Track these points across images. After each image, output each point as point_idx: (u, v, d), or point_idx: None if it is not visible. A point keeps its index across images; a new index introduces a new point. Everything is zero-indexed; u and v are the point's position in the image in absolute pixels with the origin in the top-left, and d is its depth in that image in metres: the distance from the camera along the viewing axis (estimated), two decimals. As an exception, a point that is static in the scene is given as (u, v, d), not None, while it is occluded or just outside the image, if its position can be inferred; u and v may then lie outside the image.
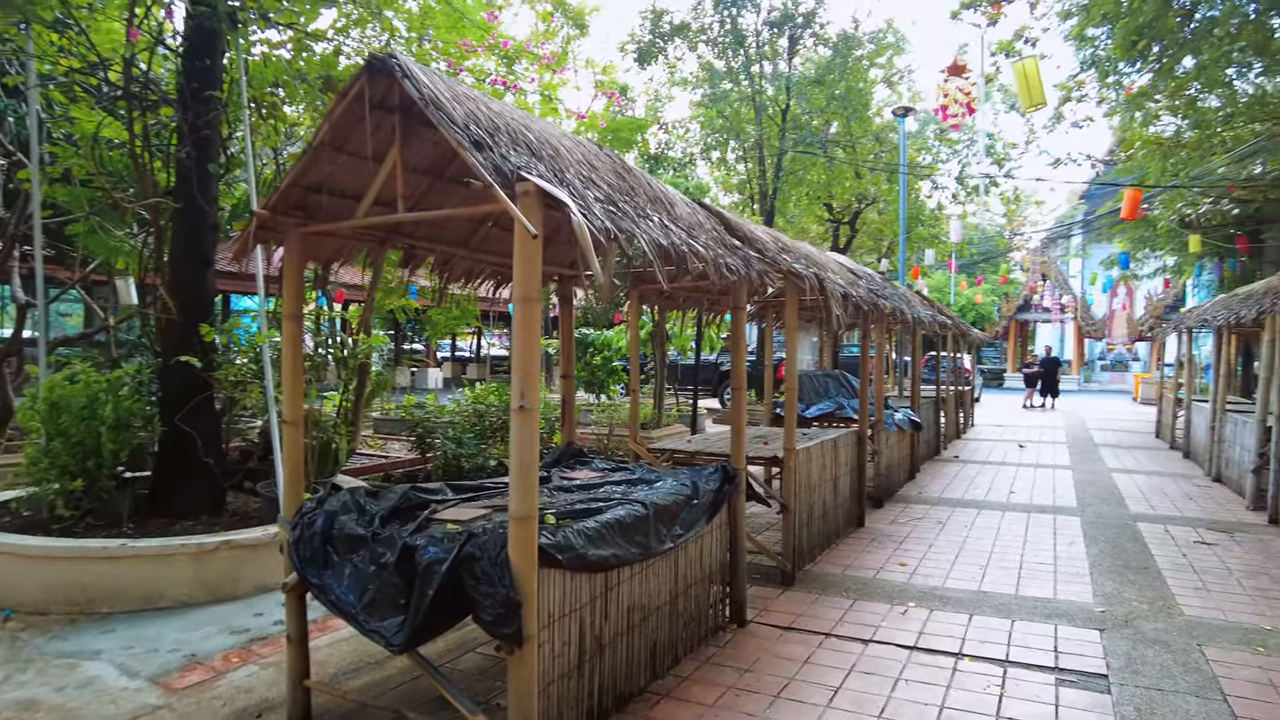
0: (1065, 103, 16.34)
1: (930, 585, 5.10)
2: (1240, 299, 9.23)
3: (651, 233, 3.15)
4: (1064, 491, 8.61)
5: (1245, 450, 8.26)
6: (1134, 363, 36.74)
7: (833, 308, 5.05)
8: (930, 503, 7.91)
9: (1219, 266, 17.71)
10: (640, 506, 3.41)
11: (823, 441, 5.87)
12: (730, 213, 5.10)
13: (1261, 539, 6.45)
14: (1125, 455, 11.89)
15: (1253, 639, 4.16)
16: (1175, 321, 12.87)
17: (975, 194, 22.86)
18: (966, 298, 35.87)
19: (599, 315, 12.49)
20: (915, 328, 9.26)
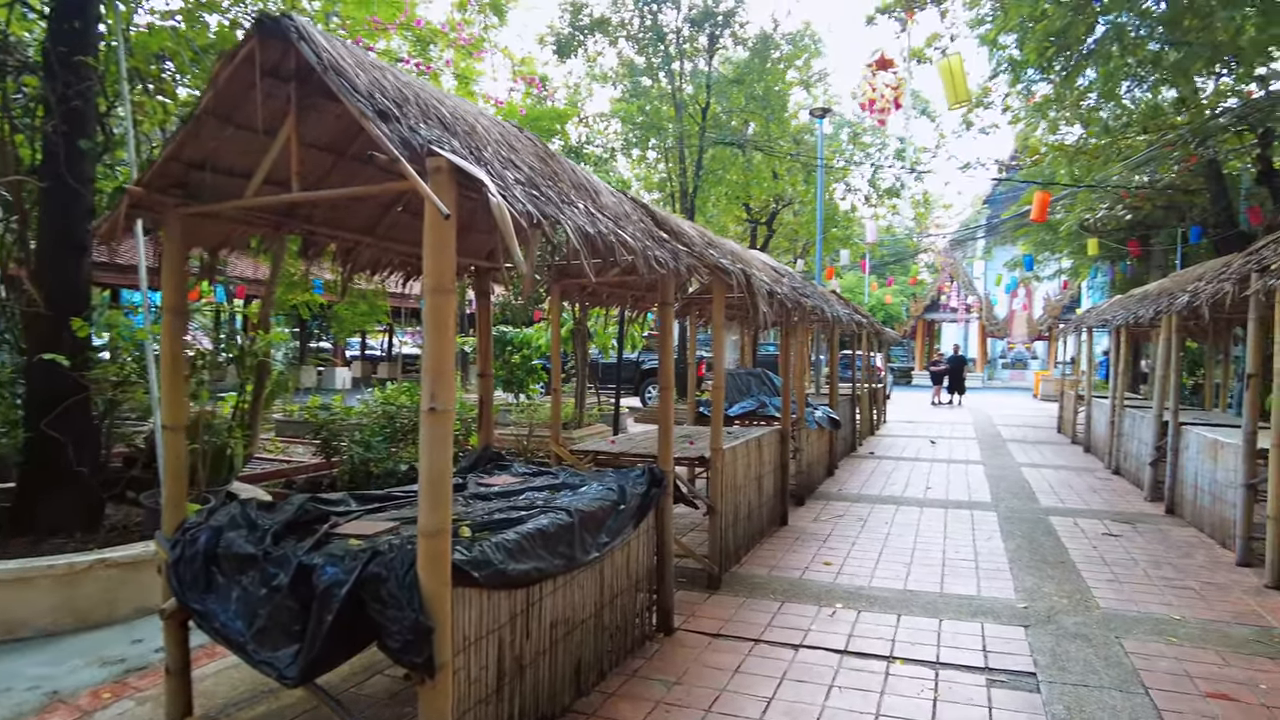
0: (974, 108, 16.94)
1: (857, 585, 5.05)
2: (1137, 300, 9.67)
3: (577, 220, 2.93)
4: (978, 486, 8.81)
5: (1143, 444, 8.63)
6: (1032, 360, 38.64)
7: (759, 304, 4.93)
8: (850, 499, 7.95)
9: (1111, 270, 18.67)
10: (564, 514, 3.18)
11: (747, 440, 5.76)
12: (655, 207, 4.93)
13: (1161, 529, 6.71)
14: (1032, 450, 12.34)
15: (1164, 629, 4.25)
16: (1077, 321, 13.46)
17: (886, 198, 23.49)
18: (877, 298, 36.96)
19: (518, 312, 12.15)
20: (834, 326, 9.31)
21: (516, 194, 2.59)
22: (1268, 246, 6.03)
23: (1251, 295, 5.39)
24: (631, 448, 5.54)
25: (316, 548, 2.70)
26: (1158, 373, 8.22)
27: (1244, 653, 3.95)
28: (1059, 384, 26.76)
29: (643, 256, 3.39)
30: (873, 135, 22.72)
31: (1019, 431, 15.36)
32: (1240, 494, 5.57)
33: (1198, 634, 4.19)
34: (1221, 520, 6.09)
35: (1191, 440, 6.95)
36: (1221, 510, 6.09)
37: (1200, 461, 6.63)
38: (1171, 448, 7.33)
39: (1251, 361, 5.56)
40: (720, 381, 4.96)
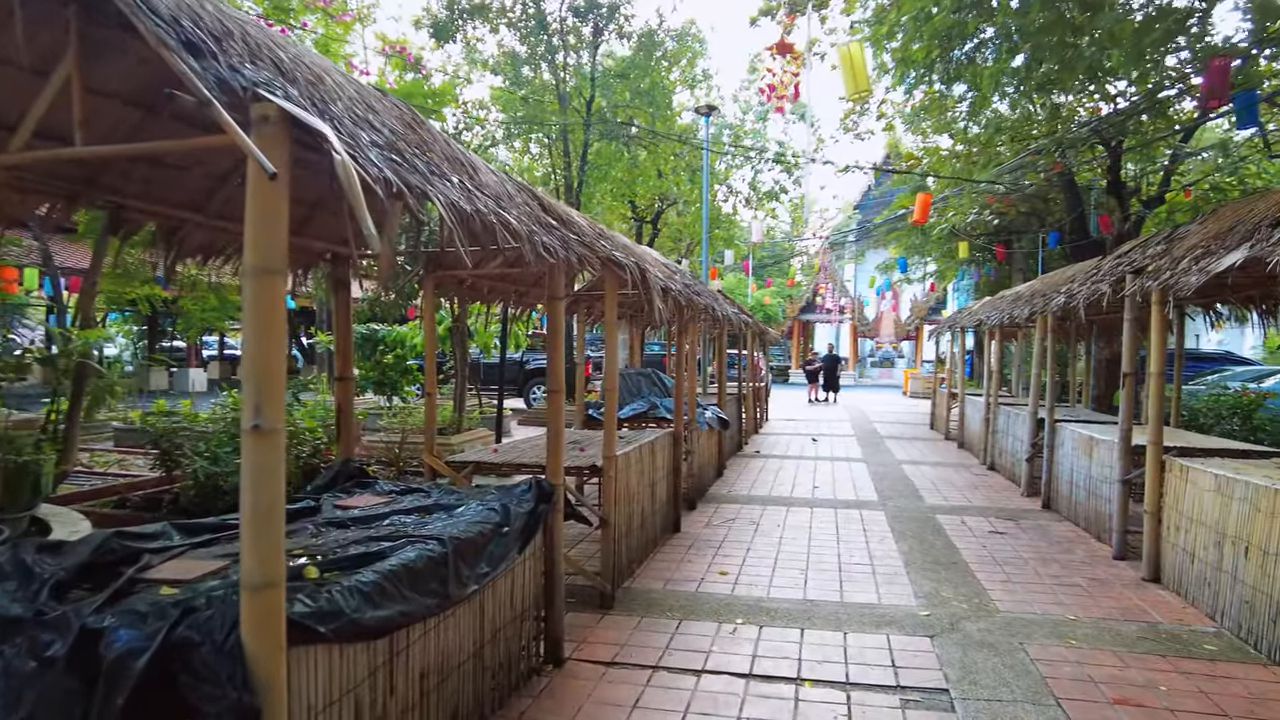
0: (850, 115, 17.39)
1: (755, 596, 4.79)
2: (1009, 301, 10.03)
3: (450, 194, 2.46)
4: (863, 485, 8.85)
5: (1018, 441, 8.92)
6: (899, 359, 40.59)
7: (655, 301, 4.58)
8: (741, 501, 7.77)
9: (977, 272, 19.68)
10: (437, 544, 2.70)
11: (640, 445, 5.41)
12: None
13: (1040, 524, 6.87)
14: (909, 446, 12.67)
15: (1062, 631, 4.20)
16: (950, 321, 13.97)
17: (765, 201, 23.90)
18: (756, 299, 37.75)
19: (389, 308, 11.34)
20: (723, 325, 9.14)
21: (371, 157, 2.10)
22: (1135, 250, 6.25)
23: (1127, 296, 5.52)
24: (516, 456, 5.06)
25: (113, 601, 2.12)
26: (1033, 371, 8.50)
27: (1138, 652, 3.94)
28: (926, 381, 28.15)
29: (529, 242, 2.95)
30: (753, 139, 23.05)
31: (894, 428, 15.83)
32: (1116, 490, 5.71)
33: (1093, 634, 4.16)
34: (1097, 515, 6.27)
35: (1066, 437, 7.17)
36: (1097, 505, 6.26)
37: (1076, 458, 6.83)
38: (1047, 444, 7.56)
39: (1127, 361, 5.71)
40: (613, 383, 4.58)
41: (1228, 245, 4.28)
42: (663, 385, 8.19)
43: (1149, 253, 5.69)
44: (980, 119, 11.91)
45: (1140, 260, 5.64)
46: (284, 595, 1.86)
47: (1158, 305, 5.13)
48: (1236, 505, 4.21)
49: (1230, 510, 4.27)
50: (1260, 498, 4.01)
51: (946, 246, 17.99)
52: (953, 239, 16.98)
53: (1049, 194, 15.90)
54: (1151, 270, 5.05)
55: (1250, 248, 3.99)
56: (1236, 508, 4.21)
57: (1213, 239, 4.61)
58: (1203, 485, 4.58)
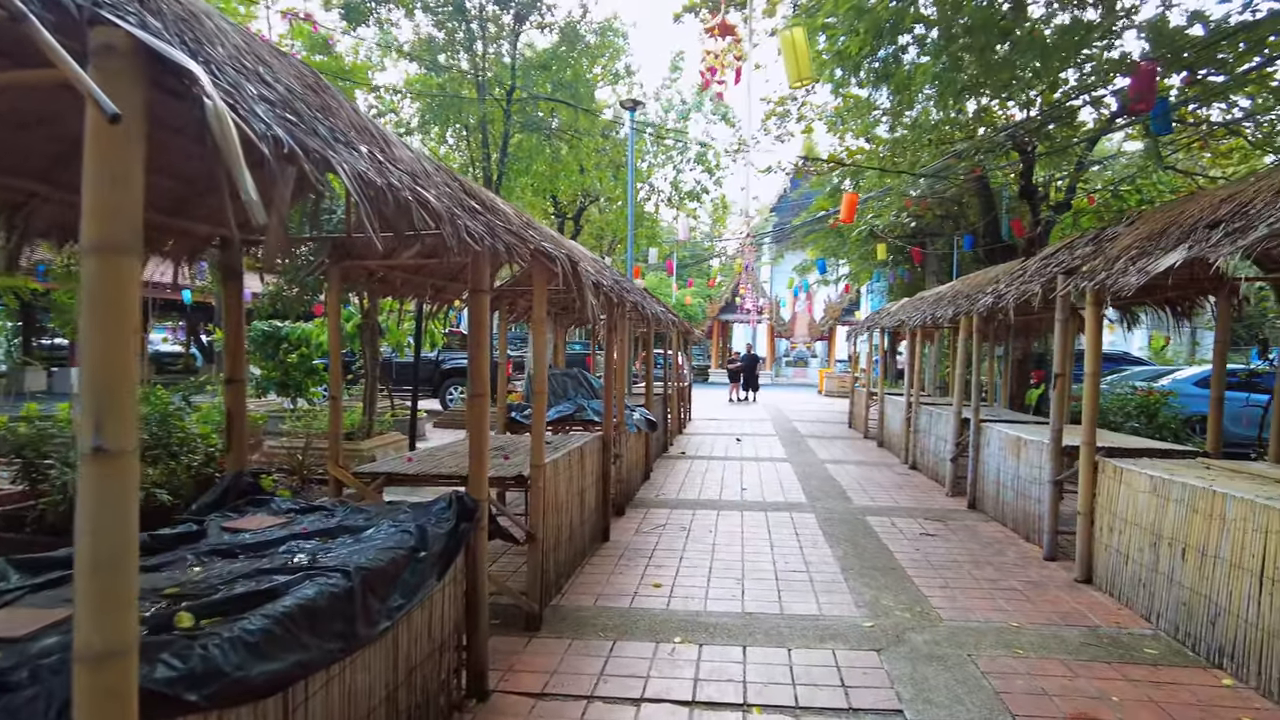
0: (770, 117, 17.43)
1: (692, 610, 4.52)
2: (930, 302, 10.11)
3: (358, 165, 2.07)
4: (790, 486, 8.73)
5: (941, 440, 8.98)
6: (813, 359, 41.42)
7: (587, 296, 4.25)
8: (670, 505, 7.51)
9: (892, 275, 20.08)
10: (341, 577, 2.30)
11: (569, 451, 5.07)
12: (463, 174, 4.09)
13: (969, 525, 6.86)
14: (830, 445, 12.72)
15: (1008, 640, 4.08)
16: (869, 322, 14.12)
17: (687, 200, 23.83)
18: (677, 299, 37.79)
19: (292, 303, 10.59)
20: (651, 323, 8.88)
21: (259, 111, 1.70)
22: (1062, 252, 6.29)
23: (1060, 296, 5.51)
24: (434, 466, 4.64)
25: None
26: (956, 371, 8.55)
27: (1084, 659, 3.85)
28: (841, 380, 28.70)
29: (451, 225, 2.58)
30: (675, 137, 22.93)
31: (814, 427, 15.93)
32: (1047, 490, 5.71)
33: (1038, 642, 4.06)
34: (1026, 515, 6.28)
35: (993, 437, 7.20)
36: (1026, 506, 6.28)
37: (1003, 458, 6.85)
38: (973, 445, 7.59)
39: (1058, 361, 5.71)
40: (543, 385, 4.22)
41: (1164, 246, 4.25)
42: (590, 386, 7.85)
43: (1078, 254, 5.70)
44: (902, 121, 12.04)
45: (1070, 261, 5.64)
46: (135, 664, 1.44)
47: (1093, 305, 5.12)
48: (1173, 507, 4.19)
49: (1167, 512, 4.25)
50: (1198, 499, 3.98)
51: (864, 248, 18.26)
52: (871, 241, 17.24)
53: (963, 198, 16.32)
54: (1086, 271, 5.03)
55: (1189, 248, 3.96)
56: (1173, 509, 4.19)
57: (1146, 240, 4.60)
58: (1138, 486, 4.57)
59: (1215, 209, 4.13)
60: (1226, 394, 5.72)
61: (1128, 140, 17.28)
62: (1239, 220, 3.77)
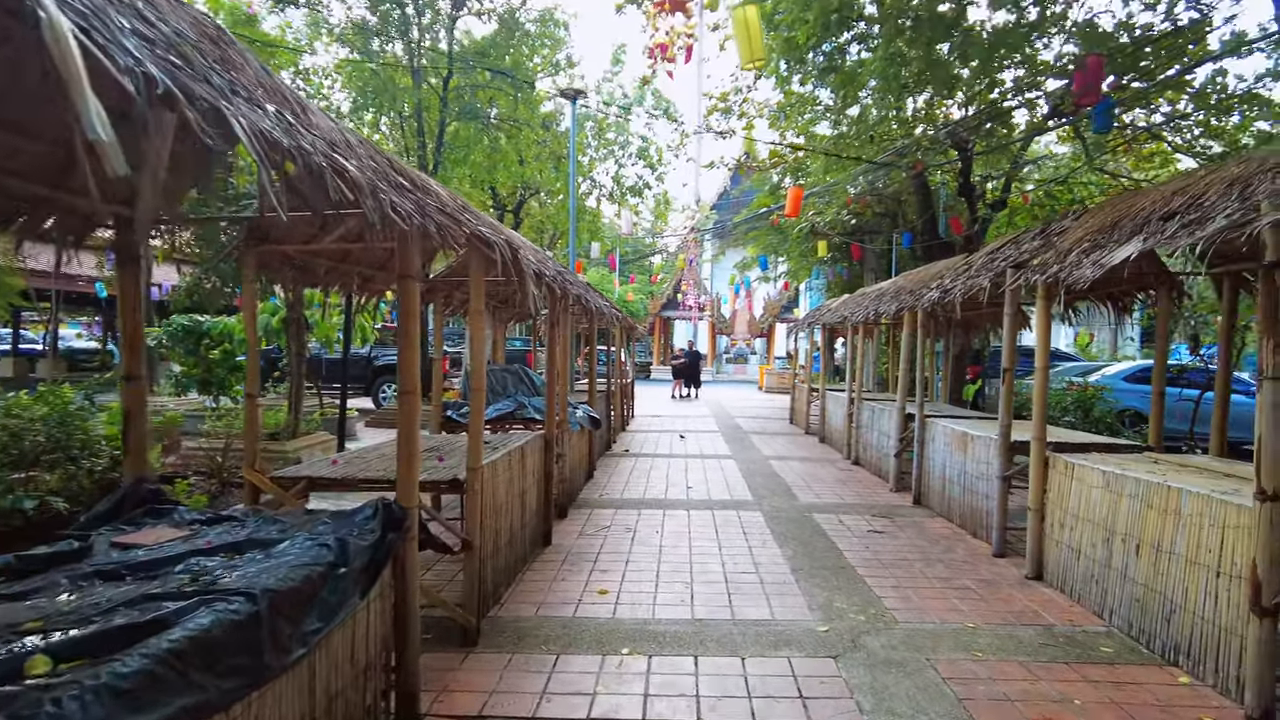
0: (713, 113, 17.34)
1: (640, 618, 4.29)
2: (873, 297, 10.11)
3: (260, 122, 1.77)
4: (736, 484, 8.59)
5: (884, 436, 8.96)
6: (752, 356, 41.73)
7: (529, 286, 3.97)
8: (615, 505, 7.27)
9: (830, 272, 20.22)
10: (244, 601, 1.99)
11: (509, 452, 4.78)
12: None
13: (916, 521, 6.81)
14: (773, 442, 12.66)
15: (965, 642, 3.97)
16: (811, 318, 14.12)
17: (627, 198, 23.59)
18: (619, 295, 37.58)
19: (211, 296, 9.97)
20: (594, 318, 8.62)
21: (128, 45, 1.40)
22: (1008, 246, 6.27)
23: (1009, 290, 5.46)
24: (361, 469, 4.29)
25: None
26: (902, 367, 8.53)
27: (1043, 660, 3.76)
28: (781, 377, 28.92)
29: (374, 199, 2.28)
30: (616, 131, 22.67)
31: (756, 423, 15.91)
32: (996, 486, 5.66)
33: (996, 643, 3.96)
34: (974, 511, 6.24)
35: (938, 433, 7.17)
36: (973, 502, 6.24)
37: (949, 454, 6.82)
38: (918, 440, 7.56)
39: (1006, 356, 5.67)
40: (482, 383, 3.92)
41: (1118, 239, 4.20)
42: (531, 383, 7.55)
43: (1025, 248, 5.67)
44: (846, 117, 12.06)
45: (1018, 255, 5.61)
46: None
47: (1044, 299, 5.08)
48: (1127, 502, 4.15)
49: (1120, 507, 4.21)
50: (1152, 494, 3.93)
51: (805, 245, 18.32)
52: (812, 238, 17.29)
53: (903, 196, 16.50)
54: (1037, 264, 4.98)
55: (1143, 240, 3.90)
56: (1127, 504, 4.14)
57: (1098, 233, 4.55)
58: (1090, 482, 4.52)
59: (1167, 202, 4.09)
60: (1171, 390, 5.82)
61: (1059, 142, 17.72)
62: (1193, 212, 3.72)
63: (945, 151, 13.65)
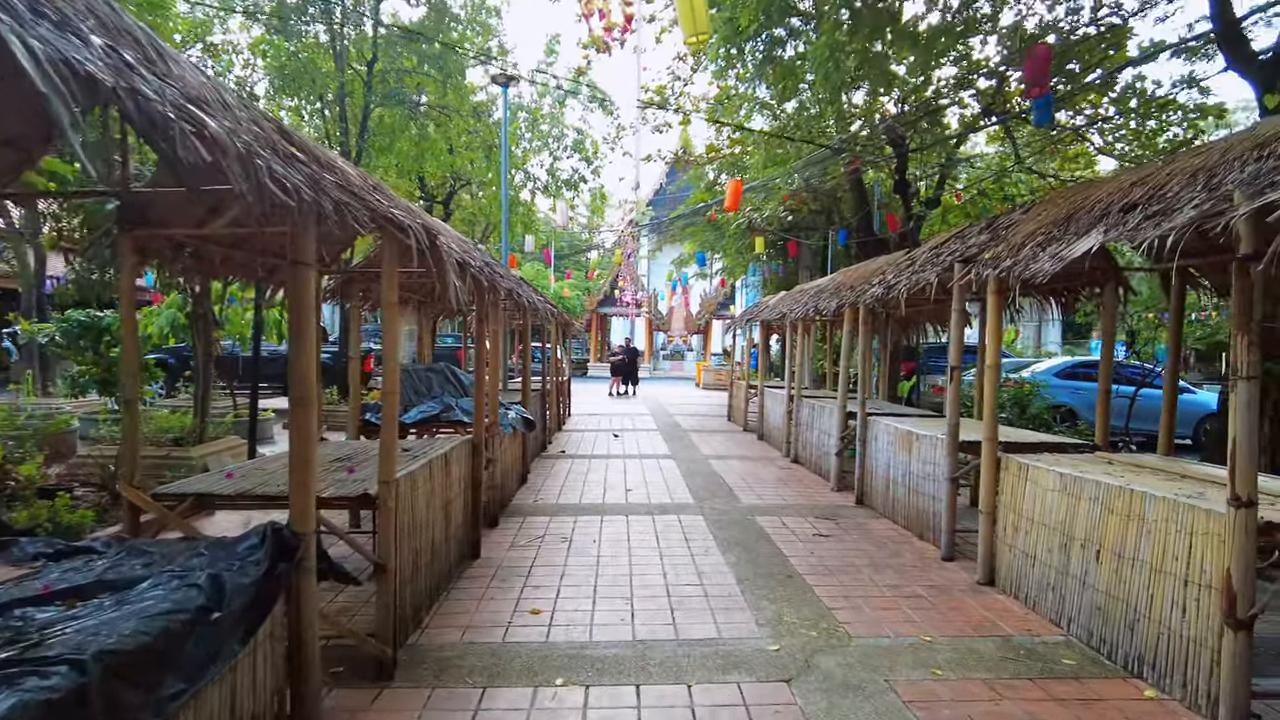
0: (649, 107, 17.08)
1: (577, 642, 3.93)
2: (812, 294, 9.94)
3: (70, 51, 1.35)
4: (676, 486, 8.29)
5: (824, 434, 8.80)
6: (689, 352, 41.72)
7: (449, 277, 3.56)
8: (549, 512, 6.88)
9: (766, 269, 20.18)
10: (67, 673, 1.56)
11: (431, 460, 4.36)
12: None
13: (860, 523, 6.62)
14: (712, 440, 12.43)
15: (923, 658, 3.74)
16: (749, 315, 13.95)
17: (562, 191, 23.11)
18: (555, 291, 37.07)
19: (96, 289, 9.13)
20: (528, 314, 8.20)
21: None
22: (952, 241, 6.12)
23: (955, 285, 5.28)
24: (260, 484, 3.80)
25: None
26: (843, 364, 8.37)
27: (1005, 676, 3.54)
28: (718, 374, 28.88)
29: (244, 167, 1.86)
30: (551, 123, 22.16)
31: (694, 420, 15.69)
32: (944, 488, 5.49)
33: (955, 659, 3.73)
34: (919, 513, 6.07)
35: (880, 431, 7.00)
36: (919, 503, 6.07)
37: (893, 453, 6.65)
38: (860, 439, 7.38)
39: (953, 354, 5.50)
40: (393, 385, 3.50)
41: (1075, 231, 4.03)
42: (459, 383, 7.08)
43: (972, 242, 5.51)
44: (783, 111, 11.92)
45: (964, 250, 5.44)
46: None
47: (995, 294, 4.91)
48: (1086, 506, 3.98)
49: (1078, 511, 4.04)
50: (1113, 498, 3.77)
51: (742, 241, 18.19)
52: (749, 234, 17.16)
53: (838, 193, 16.51)
54: (989, 258, 4.79)
55: (1104, 233, 3.73)
56: (1086, 508, 3.98)
57: (1052, 225, 4.38)
58: (1045, 484, 4.35)
59: (1126, 193, 3.93)
60: (1089, 385, 5.75)
61: (988, 143, 18.02)
62: (1156, 204, 3.56)
63: (882, 148, 13.67)
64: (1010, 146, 16.56)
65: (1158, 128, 14.60)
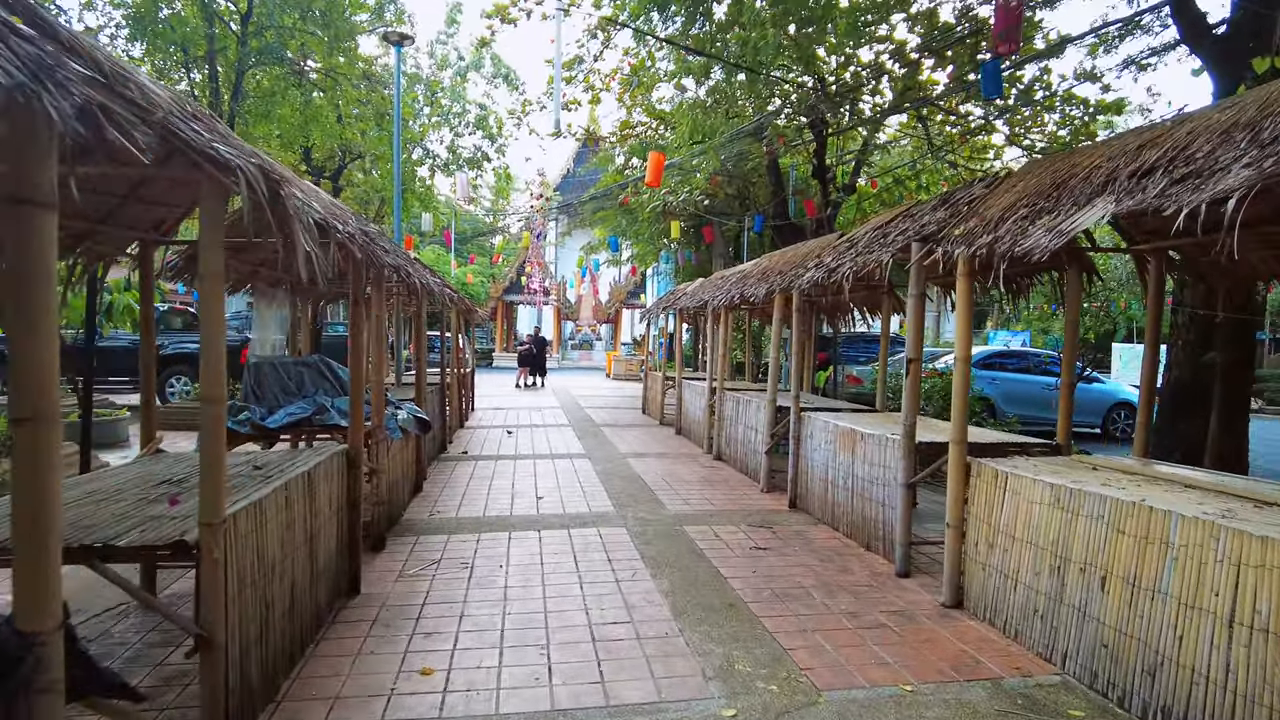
0: (565, 82, 16.13)
1: (479, 715, 3.06)
2: (735, 280, 9.29)
3: None
4: (594, 490, 7.47)
5: (751, 430, 8.16)
6: (597, 342, 40.86)
7: (300, 240, 2.61)
8: (448, 529, 5.94)
9: (681, 256, 19.54)
10: None
11: (289, 481, 3.38)
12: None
13: (798, 531, 5.98)
14: (628, 435, 11.66)
15: (907, 715, 3.06)
16: (667, 302, 13.23)
17: (467, 168, 21.77)
18: (458, 277, 35.51)
19: None
20: (423, 297, 7.18)
21: None
22: (900, 220, 5.52)
23: (914, 266, 4.66)
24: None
25: None
26: (773, 355, 7.73)
27: (1008, 740, 2.91)
28: (629, 364, 28.20)
29: None
30: (451, 98, 20.80)
31: (607, 414, 14.91)
32: (898, 494, 4.88)
33: (944, 714, 3.07)
34: (865, 520, 5.46)
35: (817, 429, 6.38)
36: (865, 510, 5.46)
37: (832, 453, 6.03)
38: (794, 436, 6.76)
39: (911, 344, 4.87)
40: (219, 387, 2.52)
41: (1075, 201, 3.42)
42: (337, 379, 6.02)
43: (926, 219, 4.90)
44: (705, 81, 11.22)
45: (919, 228, 4.82)
46: None
47: (965, 276, 4.29)
48: (1085, 523, 3.39)
49: (1075, 529, 3.45)
50: (1125, 517, 3.18)
51: (656, 226, 17.44)
52: (664, 218, 16.42)
53: (754, 178, 15.99)
54: (960, 235, 4.16)
55: (1116, 202, 3.12)
56: (1085, 527, 3.39)
57: (1037, 197, 3.78)
58: (1031, 496, 3.76)
59: (1134, 156, 3.34)
60: (1009, 376, 5.35)
61: (901, 130, 17.88)
62: (1183, 165, 2.97)
63: (800, 131, 13.18)
64: (924, 133, 16.48)
65: (1060, 119, 14.82)
